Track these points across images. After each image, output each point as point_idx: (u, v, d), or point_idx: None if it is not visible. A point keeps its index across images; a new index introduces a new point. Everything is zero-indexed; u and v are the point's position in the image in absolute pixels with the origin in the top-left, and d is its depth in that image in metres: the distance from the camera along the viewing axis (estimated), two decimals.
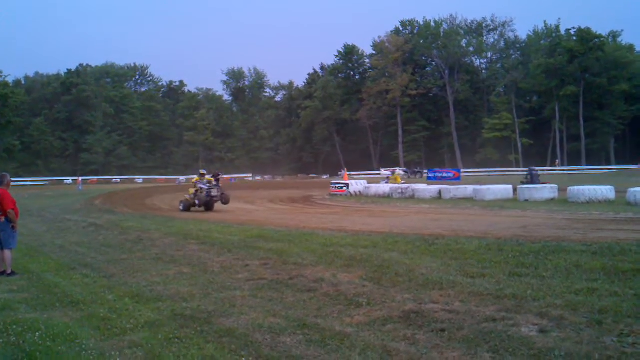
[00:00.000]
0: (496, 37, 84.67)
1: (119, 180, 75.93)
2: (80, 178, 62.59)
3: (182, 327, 5.54)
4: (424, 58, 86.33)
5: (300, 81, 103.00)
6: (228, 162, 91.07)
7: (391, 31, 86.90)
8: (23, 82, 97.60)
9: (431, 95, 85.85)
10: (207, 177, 22.70)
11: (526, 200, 21.30)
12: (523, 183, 26.38)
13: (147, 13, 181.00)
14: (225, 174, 48.87)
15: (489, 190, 23.44)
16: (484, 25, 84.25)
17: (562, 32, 76.39)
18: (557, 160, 70.80)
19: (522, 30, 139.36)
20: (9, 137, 78.93)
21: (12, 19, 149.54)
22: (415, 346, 4.69)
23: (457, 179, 43.76)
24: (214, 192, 21.85)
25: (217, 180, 22.62)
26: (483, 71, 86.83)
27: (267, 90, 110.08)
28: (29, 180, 65.93)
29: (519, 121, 74.37)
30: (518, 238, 10.13)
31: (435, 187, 26.50)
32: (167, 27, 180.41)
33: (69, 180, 62.33)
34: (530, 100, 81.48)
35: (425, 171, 55.79)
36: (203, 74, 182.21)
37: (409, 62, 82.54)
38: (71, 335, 5.39)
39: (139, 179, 77.85)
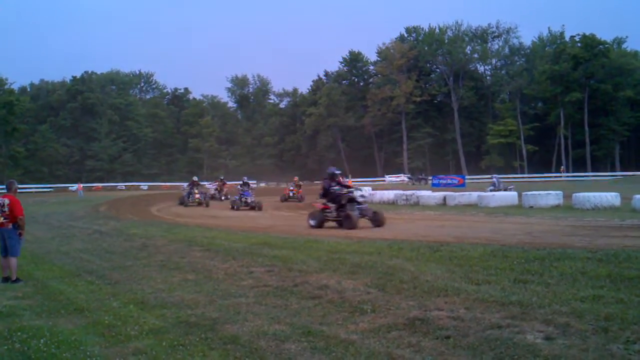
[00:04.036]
0: (501, 44, 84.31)
1: (124, 187, 75.91)
2: (77, 185, 62.71)
3: (187, 334, 5.54)
4: (428, 65, 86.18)
5: (304, 88, 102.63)
6: (232, 168, 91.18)
7: (396, 38, 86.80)
8: (28, 90, 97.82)
9: (436, 101, 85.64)
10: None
11: (531, 207, 21.23)
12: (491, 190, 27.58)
13: (152, 20, 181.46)
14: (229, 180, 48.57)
15: (493, 196, 23.40)
16: (488, 31, 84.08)
17: (567, 38, 76.12)
18: (563, 167, 70.59)
19: (527, 37, 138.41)
20: (14, 144, 79.21)
21: (17, 26, 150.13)
22: (420, 353, 4.68)
23: (462, 186, 43.73)
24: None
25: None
26: (488, 77, 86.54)
27: (271, 97, 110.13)
28: (33, 187, 66.06)
29: (523, 127, 74.19)
30: (523, 245, 10.09)
31: (439, 194, 26.44)
32: (172, 35, 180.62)
33: (74, 187, 62.71)
34: (534, 106, 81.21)
35: (430, 178, 55.64)
36: (208, 81, 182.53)
37: (413, 69, 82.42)
38: (76, 342, 5.41)
39: (144, 185, 77.83)
